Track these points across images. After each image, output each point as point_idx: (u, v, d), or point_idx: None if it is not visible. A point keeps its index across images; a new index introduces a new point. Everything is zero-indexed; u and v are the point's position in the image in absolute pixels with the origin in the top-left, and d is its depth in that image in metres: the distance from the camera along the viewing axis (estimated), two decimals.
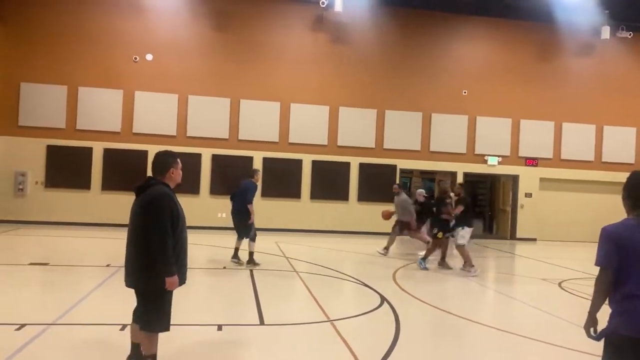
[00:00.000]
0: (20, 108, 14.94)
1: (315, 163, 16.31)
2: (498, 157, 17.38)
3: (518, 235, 17.54)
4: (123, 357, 4.26)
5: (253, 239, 9.53)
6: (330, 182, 16.38)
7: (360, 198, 16.41)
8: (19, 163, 14.84)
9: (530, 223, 17.52)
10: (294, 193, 16.20)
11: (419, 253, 11.32)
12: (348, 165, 16.51)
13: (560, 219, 17.52)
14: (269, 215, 15.38)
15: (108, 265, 8.89)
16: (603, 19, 16.74)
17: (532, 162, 17.62)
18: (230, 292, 7.79)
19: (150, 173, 4.06)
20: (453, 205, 10.30)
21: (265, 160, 15.95)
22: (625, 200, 3.02)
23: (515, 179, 17.69)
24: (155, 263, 3.78)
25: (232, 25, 16.08)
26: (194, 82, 15.79)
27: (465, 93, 17.26)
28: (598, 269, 2.94)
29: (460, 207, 9.98)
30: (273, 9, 16.34)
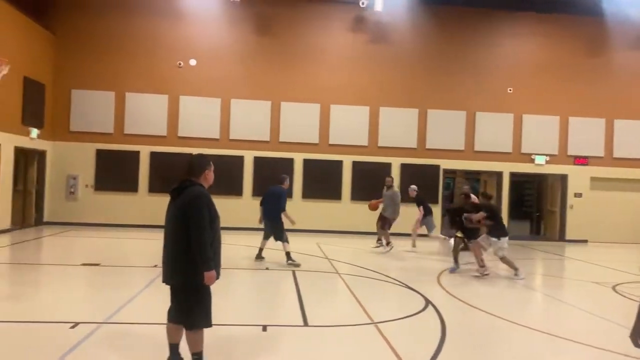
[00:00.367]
0: (72, 114, 15.56)
1: (356, 164, 16.25)
2: (546, 156, 16.84)
3: (567, 237, 16.93)
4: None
5: (287, 241, 9.78)
6: (371, 183, 16.21)
7: (403, 199, 16.19)
8: (71, 167, 15.45)
9: (581, 224, 16.87)
10: (335, 194, 16.19)
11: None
12: (389, 166, 16.36)
13: (613, 220, 16.79)
14: (310, 217, 15.43)
15: (155, 266, 9.09)
16: None
17: (581, 161, 16.98)
18: (273, 293, 7.85)
19: (185, 175, 4.19)
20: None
21: (306, 162, 16.02)
22: None
23: (564, 179, 17.09)
24: (195, 260, 3.92)
25: (272, 29, 16.24)
26: (236, 85, 16.04)
27: (511, 91, 16.82)
28: None
29: (482, 214, 9.27)
30: (312, 12, 16.41)
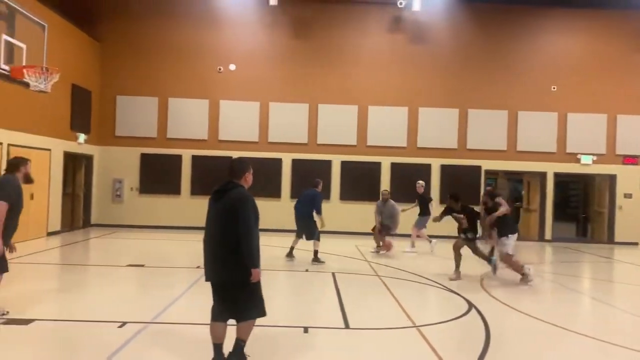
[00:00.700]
0: (117, 120, 16.06)
1: (394, 165, 16.13)
2: (592, 155, 16.27)
3: (616, 239, 16.29)
4: None
5: (319, 239, 10.21)
6: (411, 184, 16.07)
7: (443, 201, 15.98)
8: (116, 171, 15.95)
9: (631, 226, 16.21)
10: (373, 196, 16.02)
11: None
12: (429, 167, 16.18)
13: None
14: (349, 219, 15.42)
15: (197, 267, 9.28)
16: None
17: (631, 160, 16.32)
18: (313, 294, 7.86)
19: (228, 177, 4.43)
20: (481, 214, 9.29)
21: (344, 164, 16.03)
22: None
23: (613, 179, 16.46)
24: (243, 257, 4.14)
25: (310, 32, 16.33)
26: (274, 89, 16.20)
27: (555, 89, 16.36)
28: None
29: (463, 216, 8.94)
30: (349, 13, 16.40)
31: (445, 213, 9.39)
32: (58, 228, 13.72)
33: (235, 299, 4.27)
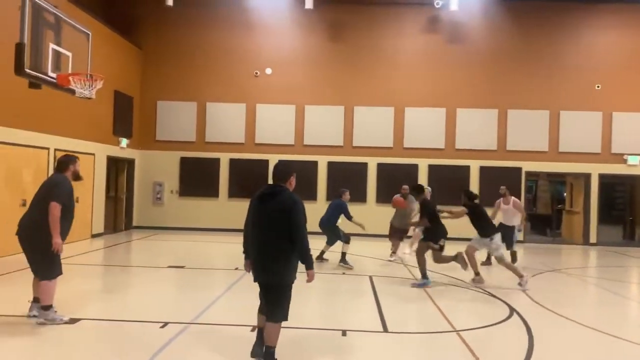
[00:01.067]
0: (157, 124, 16.45)
1: (432, 167, 15.94)
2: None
3: None
4: None
5: (348, 242, 10.09)
6: (448, 186, 15.86)
7: (483, 203, 15.64)
8: (157, 174, 16.34)
9: None
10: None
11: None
12: (467, 169, 15.91)
13: None
14: (386, 222, 15.22)
15: (236, 269, 9.40)
16: None
17: None
18: (351, 297, 7.83)
19: (271, 181, 4.56)
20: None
21: (380, 166, 15.94)
22: None
23: None
24: (292, 259, 4.32)
25: (345, 35, 16.33)
26: (310, 92, 16.27)
27: (599, 88, 15.84)
28: None
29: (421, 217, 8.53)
30: (385, 15, 16.32)
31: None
32: (101, 230, 14.15)
33: (277, 299, 4.38)
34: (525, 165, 15.89)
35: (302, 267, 4.36)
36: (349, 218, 10.15)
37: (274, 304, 4.37)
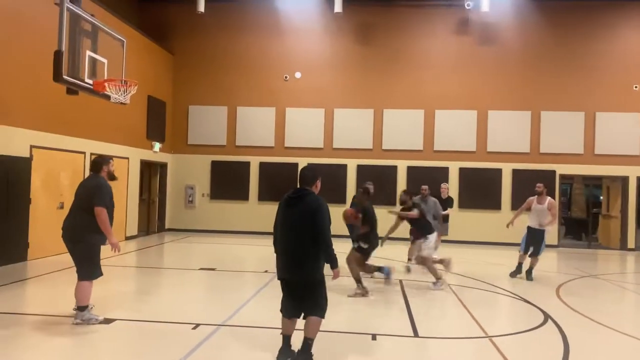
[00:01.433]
0: (189, 128, 16.74)
1: (463, 170, 15.73)
2: None
3: None
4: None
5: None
6: (480, 190, 15.66)
7: (515, 206, 15.39)
8: (189, 178, 16.61)
9: None
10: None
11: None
12: (499, 172, 15.65)
13: None
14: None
15: (266, 271, 9.47)
16: None
17: None
18: (381, 301, 7.77)
19: (299, 185, 4.77)
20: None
21: (410, 169, 15.82)
22: None
23: None
24: (320, 258, 4.53)
25: (374, 37, 16.30)
26: (339, 95, 16.28)
27: (637, 88, 15.37)
28: None
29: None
30: (415, 17, 16.22)
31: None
32: (135, 232, 14.45)
33: (307, 297, 4.60)
34: (560, 168, 15.54)
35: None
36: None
37: (312, 301, 4.60)
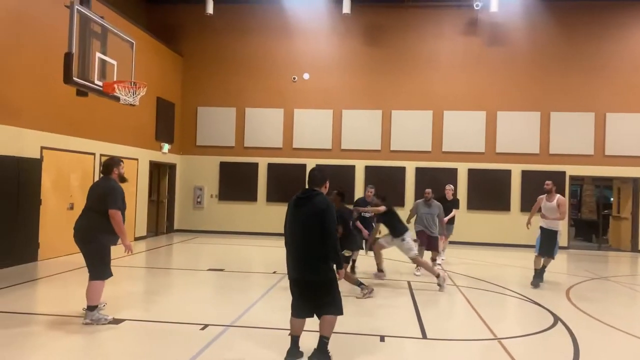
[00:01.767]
0: (198, 130, 16.80)
1: (472, 171, 15.67)
2: None
3: None
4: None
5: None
6: (489, 191, 15.58)
7: (524, 208, 15.30)
8: (198, 179, 16.68)
9: None
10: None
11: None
12: (509, 173, 15.57)
13: None
14: None
15: (274, 272, 9.48)
16: None
17: None
18: (389, 303, 7.74)
19: (307, 185, 4.84)
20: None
21: (418, 170, 15.78)
22: None
23: None
24: (329, 258, 4.58)
25: (383, 38, 16.28)
26: (347, 96, 16.27)
27: None
28: None
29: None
30: (424, 18, 16.18)
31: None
32: (144, 233, 14.52)
33: (322, 296, 4.64)
34: (570, 170, 15.42)
35: None
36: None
37: (326, 300, 4.64)
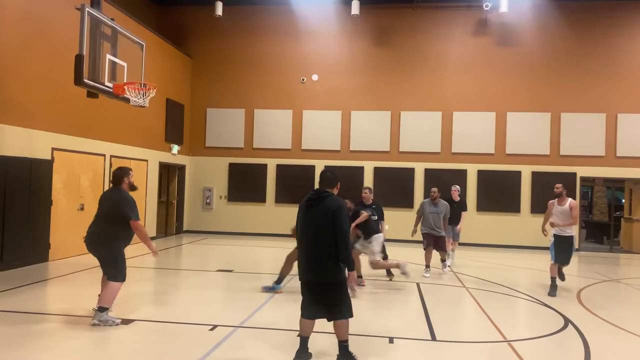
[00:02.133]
0: (207, 131, 16.87)
1: (482, 173, 15.59)
2: None
3: None
4: None
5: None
6: (499, 193, 15.49)
7: (534, 210, 15.20)
8: (207, 180, 16.74)
9: None
10: None
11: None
12: (518, 175, 15.47)
13: None
14: None
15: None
16: None
17: None
18: (398, 304, 7.72)
19: (318, 186, 4.85)
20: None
21: (427, 171, 15.72)
22: None
23: None
24: (340, 260, 4.53)
25: (391, 39, 16.25)
26: (356, 97, 16.26)
27: None
28: None
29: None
30: (433, 19, 16.13)
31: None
32: (153, 234, 14.59)
33: (331, 298, 4.61)
34: (580, 171, 15.29)
35: None
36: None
37: (336, 303, 4.60)
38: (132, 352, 5.13)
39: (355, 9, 15.15)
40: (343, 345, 4.64)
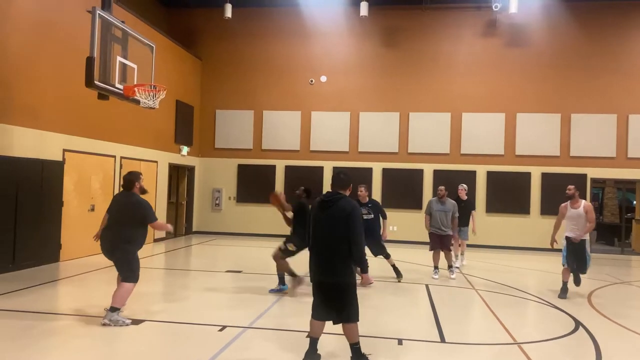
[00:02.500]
0: (216, 132, 16.94)
1: (491, 174, 15.52)
2: None
3: None
4: None
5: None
6: (508, 194, 15.41)
7: (544, 211, 15.11)
8: (216, 181, 16.81)
9: None
10: None
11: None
12: (528, 176, 15.38)
13: None
14: None
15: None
16: None
17: None
18: (407, 305, 7.71)
19: (331, 188, 4.82)
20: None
21: (436, 173, 15.67)
22: None
23: None
24: (352, 262, 4.56)
25: (400, 41, 16.23)
26: (365, 98, 16.25)
27: None
28: None
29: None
30: (442, 20, 16.09)
31: None
32: (163, 235, 14.66)
33: (341, 300, 4.59)
34: (591, 172, 15.17)
35: None
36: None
37: (345, 305, 4.57)
38: (141, 352, 5.17)
39: (364, 10, 15.15)
40: (355, 348, 4.64)
